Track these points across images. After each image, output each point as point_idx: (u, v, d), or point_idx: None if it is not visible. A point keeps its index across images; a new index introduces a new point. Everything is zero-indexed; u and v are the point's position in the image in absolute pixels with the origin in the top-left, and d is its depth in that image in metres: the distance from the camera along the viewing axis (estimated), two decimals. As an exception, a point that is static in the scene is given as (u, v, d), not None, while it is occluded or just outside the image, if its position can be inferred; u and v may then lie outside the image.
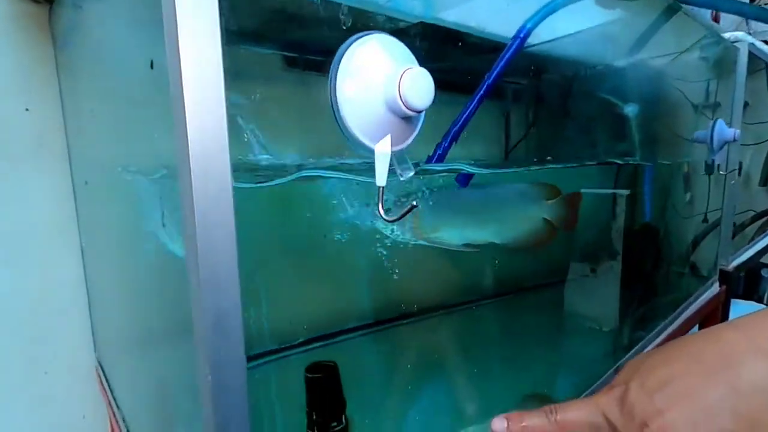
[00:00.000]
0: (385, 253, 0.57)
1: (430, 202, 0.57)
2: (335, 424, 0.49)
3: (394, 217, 0.32)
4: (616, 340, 0.81)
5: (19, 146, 0.60)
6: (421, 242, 0.58)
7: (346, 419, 0.50)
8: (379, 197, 0.30)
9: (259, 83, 0.63)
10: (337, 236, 0.58)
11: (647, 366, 0.32)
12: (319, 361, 0.49)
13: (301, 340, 0.69)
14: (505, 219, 0.68)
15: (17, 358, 0.62)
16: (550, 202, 0.70)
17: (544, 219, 0.70)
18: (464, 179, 0.54)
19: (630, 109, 0.82)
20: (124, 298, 0.52)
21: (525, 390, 0.64)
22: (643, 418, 0.29)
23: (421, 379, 0.64)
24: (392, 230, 0.55)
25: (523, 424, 0.32)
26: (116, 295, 0.55)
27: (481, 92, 0.48)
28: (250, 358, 0.64)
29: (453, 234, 0.61)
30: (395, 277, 0.71)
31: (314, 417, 0.48)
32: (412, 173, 0.31)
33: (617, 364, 0.67)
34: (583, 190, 0.85)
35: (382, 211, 0.30)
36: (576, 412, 0.31)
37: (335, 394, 0.49)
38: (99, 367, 0.66)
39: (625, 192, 0.82)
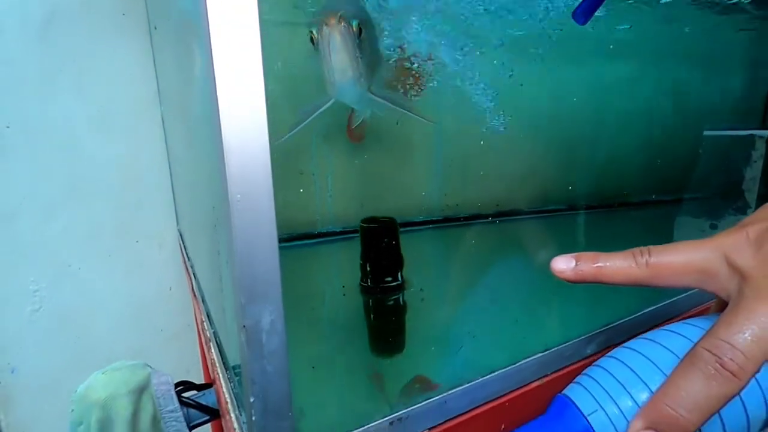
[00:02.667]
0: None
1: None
2: (390, 279, 0.47)
3: None
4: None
5: (105, 15, 0.61)
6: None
7: (403, 279, 0.48)
8: None
9: None
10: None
11: None
12: (376, 216, 0.47)
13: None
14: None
15: (111, 225, 0.67)
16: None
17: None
18: (584, 13, 0.41)
19: None
20: (190, 164, 0.52)
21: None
22: None
23: (484, 273, 0.63)
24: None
25: (598, 264, 0.25)
26: (184, 160, 0.56)
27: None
28: (314, 236, 0.66)
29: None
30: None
31: (368, 269, 0.47)
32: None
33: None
34: (706, 132, 0.69)
35: None
36: (680, 254, 0.24)
37: (391, 249, 0.47)
38: (180, 239, 0.70)
39: (766, 133, 0.67)
